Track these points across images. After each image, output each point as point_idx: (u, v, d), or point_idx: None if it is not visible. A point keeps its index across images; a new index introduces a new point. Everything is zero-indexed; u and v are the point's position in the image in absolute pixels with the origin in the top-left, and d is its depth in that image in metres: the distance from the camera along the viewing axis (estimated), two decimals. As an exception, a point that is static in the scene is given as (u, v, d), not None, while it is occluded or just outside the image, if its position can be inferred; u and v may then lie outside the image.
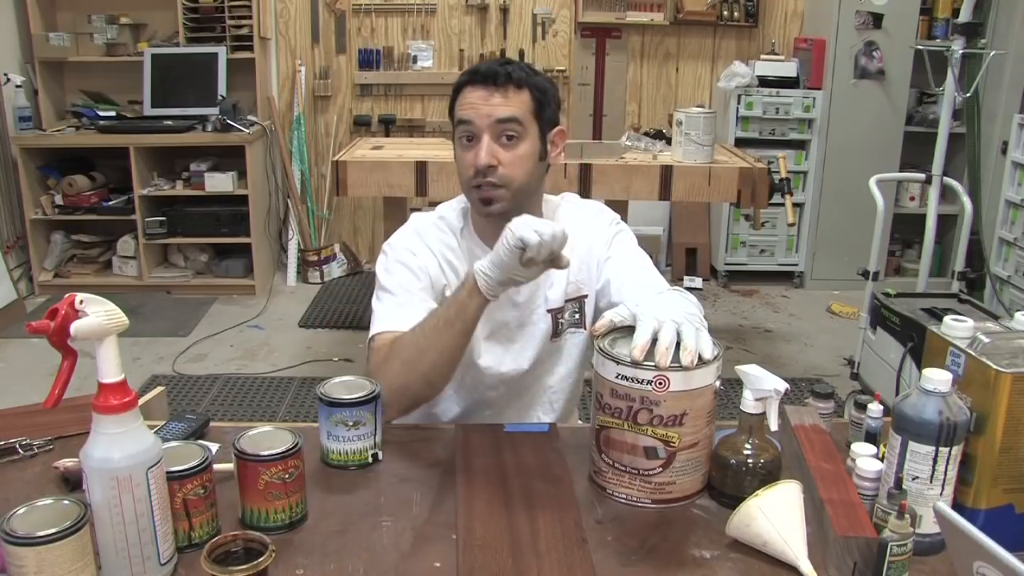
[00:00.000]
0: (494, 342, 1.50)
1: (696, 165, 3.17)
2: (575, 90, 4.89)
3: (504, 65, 1.39)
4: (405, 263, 1.46)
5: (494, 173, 1.38)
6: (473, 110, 1.38)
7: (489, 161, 1.37)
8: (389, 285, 1.45)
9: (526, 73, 1.40)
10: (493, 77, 1.38)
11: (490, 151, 1.37)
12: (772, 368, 1.17)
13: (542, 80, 1.43)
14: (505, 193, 1.40)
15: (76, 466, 1.17)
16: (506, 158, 1.38)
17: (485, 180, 1.39)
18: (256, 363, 3.68)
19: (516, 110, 1.38)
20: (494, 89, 1.38)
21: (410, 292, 1.43)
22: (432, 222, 1.53)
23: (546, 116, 1.43)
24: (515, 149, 1.39)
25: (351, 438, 1.23)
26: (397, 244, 1.50)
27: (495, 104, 1.37)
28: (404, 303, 1.41)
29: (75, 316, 0.95)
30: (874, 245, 3.47)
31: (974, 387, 1.04)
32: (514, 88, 1.38)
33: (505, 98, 1.38)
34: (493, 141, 1.38)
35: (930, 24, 4.57)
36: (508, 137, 1.38)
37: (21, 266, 4.42)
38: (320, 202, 4.95)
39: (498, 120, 1.37)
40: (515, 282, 1.23)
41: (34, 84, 4.42)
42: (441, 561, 1.03)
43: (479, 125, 1.38)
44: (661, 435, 1.12)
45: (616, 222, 1.58)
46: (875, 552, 0.96)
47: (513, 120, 1.38)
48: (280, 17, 4.73)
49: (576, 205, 1.59)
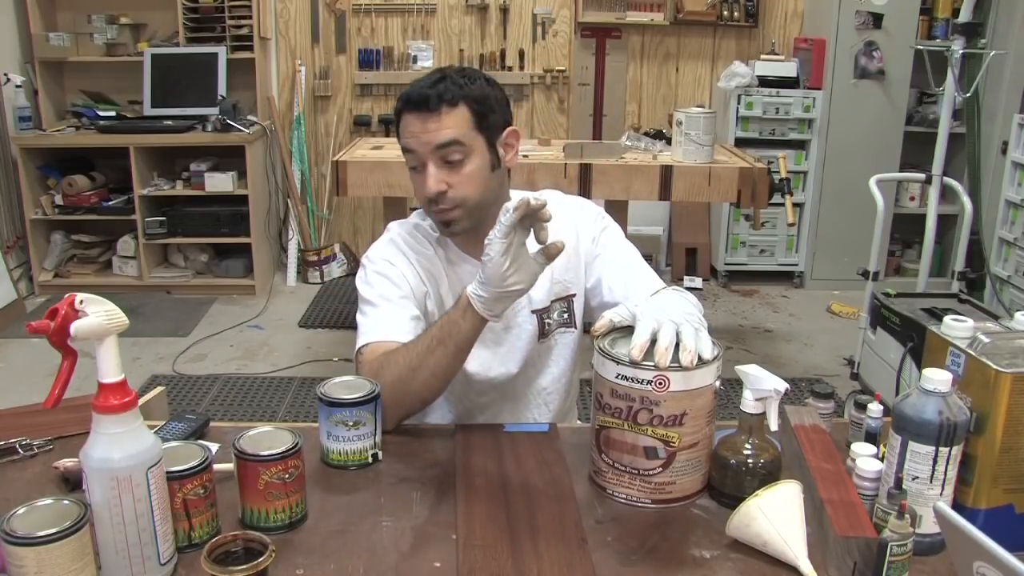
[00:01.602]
0: (480, 347, 1.46)
1: (696, 165, 3.17)
2: (575, 90, 4.89)
3: (435, 85, 1.34)
4: (384, 273, 1.44)
5: (445, 199, 1.36)
6: (413, 139, 1.36)
7: (438, 188, 1.35)
8: (371, 297, 1.43)
9: (459, 86, 1.35)
10: (425, 102, 1.33)
11: (437, 178, 1.35)
12: (772, 368, 1.17)
13: (478, 88, 1.37)
14: (461, 213, 1.38)
15: (76, 466, 1.17)
16: (455, 180, 1.36)
17: (439, 206, 1.37)
18: (256, 363, 3.68)
19: (454, 131, 1.34)
20: (428, 115, 1.34)
21: (391, 301, 1.42)
22: (408, 231, 1.51)
23: (490, 124, 1.38)
24: (462, 169, 1.36)
25: (351, 438, 1.23)
26: (375, 256, 1.48)
27: (432, 130, 1.34)
28: (387, 312, 1.40)
29: (75, 316, 0.95)
30: (874, 245, 3.47)
31: (974, 387, 1.04)
32: (447, 107, 1.34)
33: (439, 122, 1.33)
34: (438, 167, 1.36)
35: (930, 24, 4.57)
36: (452, 159, 1.35)
37: (21, 266, 4.42)
38: (320, 202, 4.95)
39: (437, 146, 1.34)
40: (509, 295, 1.20)
41: (34, 84, 4.42)
42: (441, 561, 1.03)
43: (421, 153, 1.36)
44: (661, 435, 1.12)
45: (601, 216, 1.56)
46: (875, 552, 0.96)
47: (453, 143, 1.34)
48: (280, 17, 4.73)
49: (557, 202, 1.56)
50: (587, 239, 1.52)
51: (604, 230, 1.54)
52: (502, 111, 1.42)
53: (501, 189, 1.44)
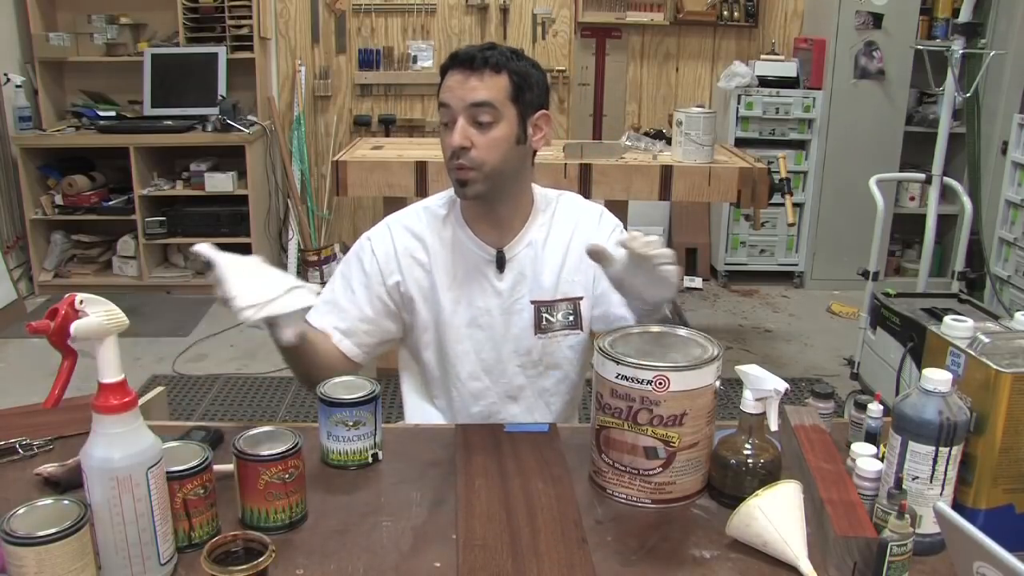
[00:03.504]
0: (476, 328, 1.50)
1: (696, 165, 3.17)
2: (575, 90, 4.89)
3: (484, 50, 1.39)
4: (361, 260, 1.52)
5: (466, 155, 1.39)
6: (450, 93, 1.40)
7: (462, 143, 1.39)
8: (341, 275, 1.53)
9: (506, 57, 1.40)
10: (470, 61, 1.38)
11: (463, 133, 1.39)
12: (772, 368, 1.17)
13: (525, 64, 1.43)
14: (478, 175, 1.41)
15: (59, 470, 1.17)
16: (479, 141, 1.39)
17: (459, 162, 1.40)
18: (256, 363, 3.68)
19: (490, 94, 1.38)
20: (470, 72, 1.38)
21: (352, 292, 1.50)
22: (413, 211, 1.55)
23: (526, 100, 1.42)
24: (489, 132, 1.40)
25: (351, 438, 1.23)
26: (366, 240, 1.54)
27: (470, 88, 1.38)
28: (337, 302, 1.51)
29: (75, 316, 0.95)
30: (874, 245, 3.47)
31: (974, 387, 1.04)
32: (491, 72, 1.38)
33: (481, 81, 1.38)
34: (468, 124, 1.39)
35: (930, 24, 4.57)
36: (482, 120, 1.39)
37: (21, 266, 4.42)
38: (320, 202, 4.95)
39: (472, 104, 1.38)
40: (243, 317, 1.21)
41: (34, 84, 4.42)
42: (441, 561, 1.03)
43: (455, 108, 1.39)
44: (661, 435, 1.12)
45: (620, 230, 1.58)
46: (875, 552, 0.96)
47: (486, 104, 1.38)
48: (280, 17, 4.73)
49: (577, 204, 1.58)
50: None
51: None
52: (540, 93, 1.46)
53: (522, 167, 1.47)
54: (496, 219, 1.49)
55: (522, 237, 1.51)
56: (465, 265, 1.50)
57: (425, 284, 1.50)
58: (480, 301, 1.49)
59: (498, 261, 1.49)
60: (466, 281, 1.49)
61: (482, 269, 1.50)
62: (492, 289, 1.50)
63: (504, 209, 1.48)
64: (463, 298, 1.49)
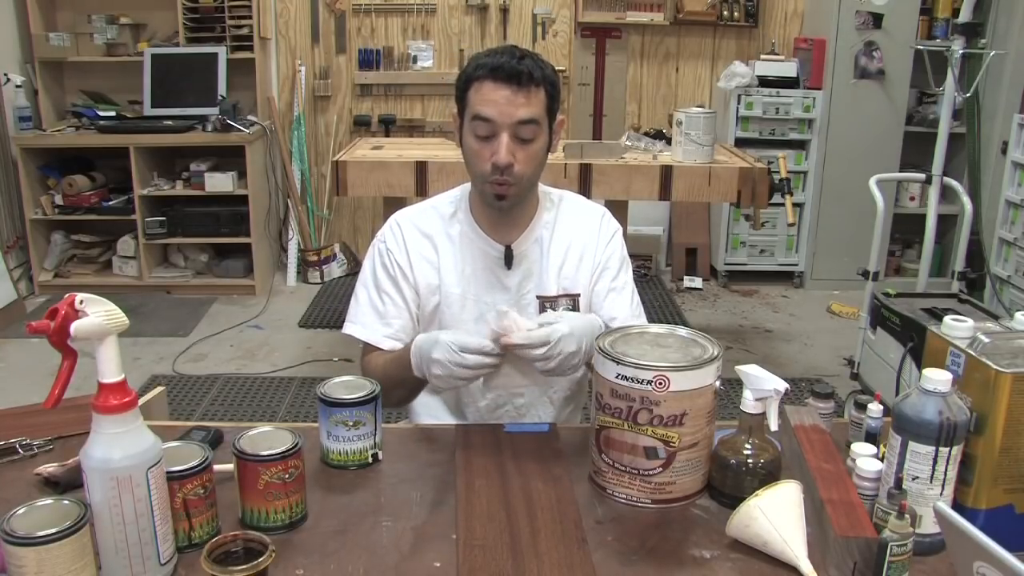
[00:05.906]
0: (483, 323, 1.50)
1: (696, 165, 3.17)
2: (575, 90, 4.89)
3: (521, 61, 1.37)
4: (385, 264, 1.53)
5: (511, 172, 1.40)
6: (495, 108, 1.37)
7: (509, 159, 1.38)
8: (368, 283, 1.56)
9: (540, 68, 1.39)
10: (517, 77, 1.36)
11: (510, 150, 1.38)
12: (772, 368, 1.17)
13: (551, 73, 1.43)
14: (516, 190, 1.42)
15: (59, 470, 1.17)
16: (521, 156, 1.40)
17: (501, 177, 1.40)
18: (256, 363, 3.68)
19: (535, 111, 1.39)
20: (517, 89, 1.37)
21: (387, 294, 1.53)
22: (420, 209, 1.56)
23: (553, 110, 1.44)
24: (531, 147, 1.40)
25: (351, 438, 1.23)
26: (380, 243, 1.56)
27: (519, 104, 1.37)
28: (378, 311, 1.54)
29: (75, 316, 0.95)
30: (874, 245, 3.47)
31: (974, 387, 1.04)
32: (534, 87, 1.38)
33: (527, 99, 1.37)
34: (511, 140, 1.38)
35: (930, 24, 4.57)
36: (524, 136, 1.39)
37: (21, 266, 4.42)
38: (320, 202, 4.95)
39: (519, 121, 1.38)
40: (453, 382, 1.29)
41: (34, 84, 4.42)
42: (441, 561, 1.03)
43: (500, 124, 1.38)
44: (661, 435, 1.12)
45: (619, 235, 1.60)
46: (875, 552, 0.96)
47: (532, 121, 1.39)
48: (280, 17, 4.73)
49: (580, 204, 1.60)
50: (600, 249, 1.56)
51: (616, 251, 1.58)
52: (558, 99, 1.47)
53: (542, 172, 1.50)
54: (507, 218, 1.51)
55: (529, 234, 1.53)
56: (473, 261, 1.51)
57: (434, 281, 1.52)
58: (488, 296, 1.51)
59: (506, 257, 1.51)
60: (474, 277, 1.51)
61: (490, 265, 1.51)
62: (500, 285, 1.52)
63: (516, 209, 1.50)
64: (471, 294, 1.51)
